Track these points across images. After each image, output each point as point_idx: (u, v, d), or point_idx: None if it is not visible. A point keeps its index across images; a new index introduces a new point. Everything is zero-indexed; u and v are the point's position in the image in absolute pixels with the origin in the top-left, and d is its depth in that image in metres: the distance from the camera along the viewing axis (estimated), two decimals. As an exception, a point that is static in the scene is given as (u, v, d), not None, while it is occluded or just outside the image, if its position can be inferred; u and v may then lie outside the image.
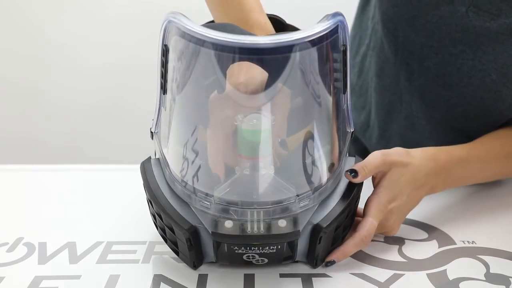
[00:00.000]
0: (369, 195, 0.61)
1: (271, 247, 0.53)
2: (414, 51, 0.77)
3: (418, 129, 0.82)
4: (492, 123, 0.77)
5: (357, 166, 0.59)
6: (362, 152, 0.94)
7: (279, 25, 0.65)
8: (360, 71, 0.92)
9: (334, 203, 0.56)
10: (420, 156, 0.64)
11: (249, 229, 0.52)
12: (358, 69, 0.92)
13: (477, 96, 0.74)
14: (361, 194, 0.60)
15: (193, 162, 0.54)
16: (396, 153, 0.62)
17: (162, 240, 0.60)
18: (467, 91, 0.74)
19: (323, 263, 0.58)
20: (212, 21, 0.67)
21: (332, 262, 0.58)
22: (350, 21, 0.95)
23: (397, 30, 0.77)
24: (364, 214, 0.60)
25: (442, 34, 0.73)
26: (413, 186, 0.63)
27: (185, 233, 0.53)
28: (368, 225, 0.58)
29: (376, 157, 0.60)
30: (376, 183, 0.62)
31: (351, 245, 0.58)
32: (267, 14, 0.64)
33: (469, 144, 0.73)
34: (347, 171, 0.58)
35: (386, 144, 0.87)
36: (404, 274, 0.58)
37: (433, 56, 0.75)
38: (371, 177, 0.62)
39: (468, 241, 0.66)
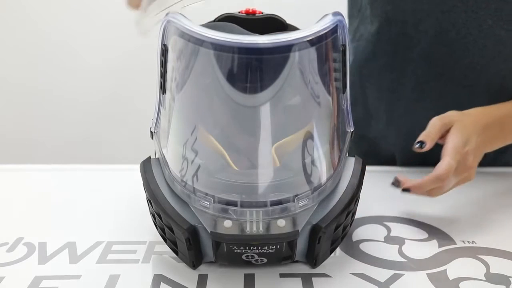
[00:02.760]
0: (444, 144, 0.66)
1: (270, 247, 0.53)
2: (407, 19, 0.79)
3: (428, 94, 0.84)
4: (500, 72, 0.78)
5: (421, 137, 0.64)
6: (368, 153, 0.94)
7: (279, 25, 0.65)
8: None
9: (333, 203, 0.56)
10: (475, 111, 0.71)
11: (248, 229, 0.52)
12: None
13: (478, 44, 0.76)
14: (361, 194, 0.60)
15: (192, 161, 0.54)
16: (452, 114, 0.68)
17: (162, 240, 0.60)
18: (468, 41, 0.76)
19: (400, 189, 0.64)
20: (212, 21, 0.67)
21: (408, 190, 0.63)
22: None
23: (385, 5, 0.80)
24: (442, 156, 0.63)
25: None
26: (477, 132, 0.67)
27: (184, 233, 0.53)
28: (445, 164, 0.62)
29: (435, 122, 0.66)
30: (445, 135, 0.66)
31: (427, 181, 0.62)
32: (267, 14, 0.64)
33: None
34: (414, 145, 0.64)
35: (396, 125, 0.89)
36: (404, 274, 0.58)
37: (426, 19, 0.77)
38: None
39: (468, 241, 0.66)
